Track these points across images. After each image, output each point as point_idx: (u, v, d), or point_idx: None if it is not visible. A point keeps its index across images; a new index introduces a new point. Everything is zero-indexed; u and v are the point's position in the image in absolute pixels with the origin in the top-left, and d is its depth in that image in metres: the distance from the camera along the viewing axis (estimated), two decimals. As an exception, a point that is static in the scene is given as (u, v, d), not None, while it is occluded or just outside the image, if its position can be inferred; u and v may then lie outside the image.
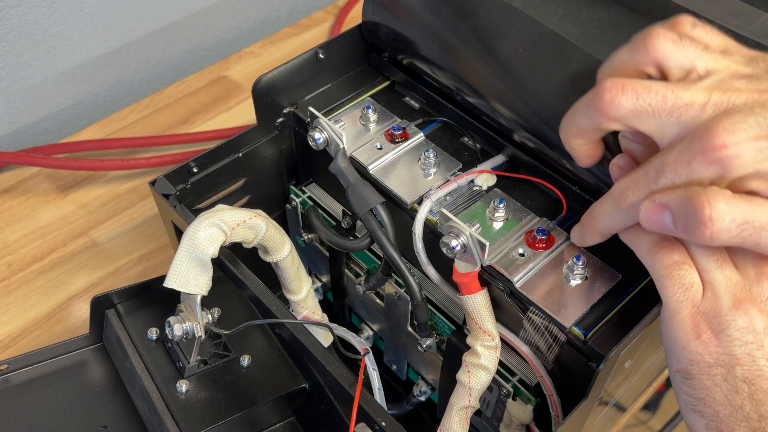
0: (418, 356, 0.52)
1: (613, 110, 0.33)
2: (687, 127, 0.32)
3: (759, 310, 0.32)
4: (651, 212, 0.32)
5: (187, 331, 0.43)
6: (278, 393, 0.45)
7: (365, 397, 0.38)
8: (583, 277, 0.40)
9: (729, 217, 0.30)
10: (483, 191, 0.45)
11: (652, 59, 0.34)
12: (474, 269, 0.40)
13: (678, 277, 0.33)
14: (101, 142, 0.77)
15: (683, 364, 0.33)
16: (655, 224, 0.32)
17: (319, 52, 0.51)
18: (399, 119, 0.50)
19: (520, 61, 0.42)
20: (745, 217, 0.30)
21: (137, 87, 0.89)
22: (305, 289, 0.49)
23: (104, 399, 0.47)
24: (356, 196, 0.44)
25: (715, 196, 0.30)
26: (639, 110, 0.32)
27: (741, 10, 0.41)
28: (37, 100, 0.80)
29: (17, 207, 0.72)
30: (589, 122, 0.34)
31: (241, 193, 0.54)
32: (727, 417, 0.33)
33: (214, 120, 0.82)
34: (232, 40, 0.96)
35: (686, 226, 0.31)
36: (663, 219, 0.32)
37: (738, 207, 0.30)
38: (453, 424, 0.42)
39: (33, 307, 0.64)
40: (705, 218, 0.30)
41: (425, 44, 0.47)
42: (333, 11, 0.97)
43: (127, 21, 0.83)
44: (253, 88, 0.49)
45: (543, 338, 0.40)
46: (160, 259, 0.68)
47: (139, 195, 0.73)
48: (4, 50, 0.74)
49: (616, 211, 0.35)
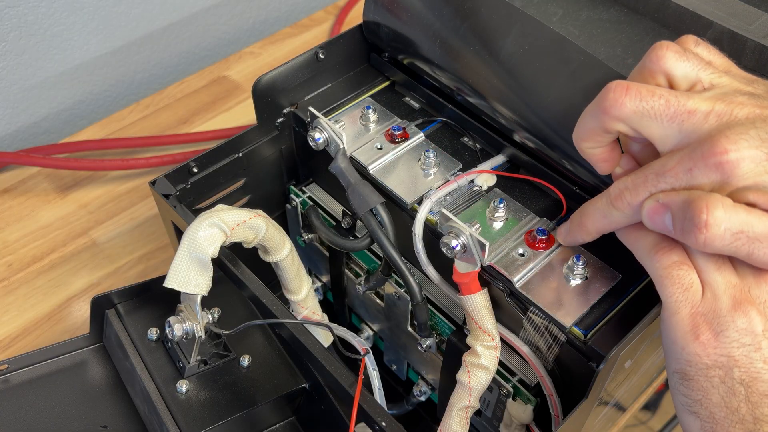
0: (418, 356, 0.52)
1: (616, 109, 0.33)
2: (689, 134, 0.32)
3: (758, 312, 0.32)
4: (653, 212, 0.33)
5: (187, 331, 0.43)
6: (278, 393, 0.45)
7: (365, 397, 0.38)
8: (583, 277, 0.40)
9: (724, 225, 0.30)
10: (483, 191, 0.45)
11: (660, 69, 0.34)
12: (474, 269, 0.40)
13: (677, 277, 0.33)
14: (101, 142, 0.77)
15: (681, 365, 0.33)
16: (657, 224, 0.33)
17: (319, 52, 0.52)
18: (399, 119, 0.50)
19: (520, 61, 0.42)
20: (740, 227, 0.30)
21: (137, 87, 0.89)
22: (305, 289, 0.49)
23: (104, 399, 0.47)
24: (356, 196, 0.44)
25: (715, 202, 0.30)
26: (642, 112, 0.33)
27: (741, 10, 0.41)
28: (37, 100, 0.80)
29: (17, 207, 0.72)
30: (595, 122, 0.35)
31: (241, 193, 0.54)
32: (722, 419, 0.33)
33: (214, 120, 0.82)
34: (232, 40, 0.96)
35: (683, 228, 0.31)
36: (664, 219, 0.32)
37: (735, 216, 0.30)
38: (453, 424, 0.42)
39: (33, 307, 0.64)
40: (701, 223, 0.30)
41: (426, 44, 0.47)
42: (333, 11, 0.97)
43: (127, 21, 0.83)
44: (253, 88, 0.49)
45: (543, 338, 0.40)
46: (160, 259, 0.68)
47: (139, 195, 0.73)
48: (4, 50, 0.74)
49: (611, 211, 0.35)
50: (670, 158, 0.32)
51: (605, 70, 0.39)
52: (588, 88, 0.39)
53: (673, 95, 0.32)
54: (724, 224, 0.30)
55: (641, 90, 0.33)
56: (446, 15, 0.46)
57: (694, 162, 0.31)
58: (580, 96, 0.39)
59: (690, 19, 0.41)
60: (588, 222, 0.37)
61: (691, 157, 0.31)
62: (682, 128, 0.32)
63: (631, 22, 0.43)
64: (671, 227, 0.32)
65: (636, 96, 0.33)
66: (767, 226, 0.30)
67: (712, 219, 0.30)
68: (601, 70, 0.39)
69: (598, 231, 0.37)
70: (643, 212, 0.33)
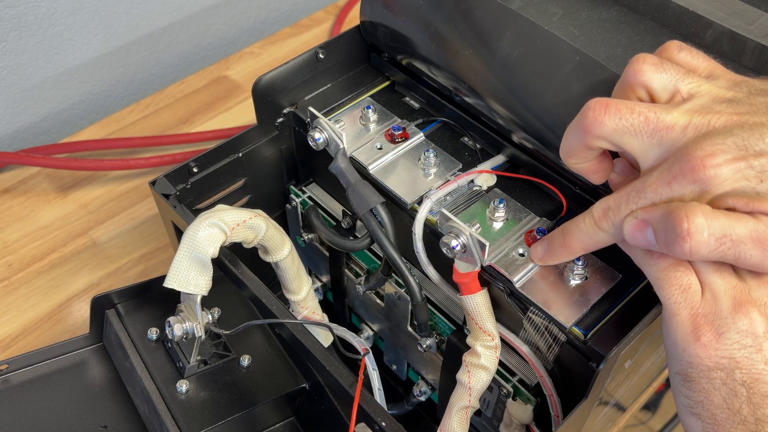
0: (418, 356, 0.52)
1: (596, 128, 0.34)
2: (668, 149, 0.33)
3: (760, 313, 0.32)
4: (635, 228, 0.33)
5: (187, 331, 0.43)
6: (278, 393, 0.45)
7: (365, 397, 0.38)
8: (583, 277, 0.40)
9: (707, 231, 0.30)
10: (483, 191, 0.45)
11: (639, 83, 0.35)
12: (474, 269, 0.40)
13: (674, 278, 0.33)
14: (101, 142, 0.77)
15: (683, 367, 0.33)
16: (639, 240, 0.33)
17: (319, 52, 0.52)
18: (399, 119, 0.50)
19: (518, 62, 0.42)
20: (723, 231, 0.30)
21: (137, 87, 0.89)
22: (305, 289, 0.49)
23: (104, 399, 0.47)
24: (356, 196, 0.44)
25: (694, 210, 0.30)
26: (622, 129, 0.33)
27: (741, 10, 0.41)
28: (37, 100, 0.80)
29: (17, 207, 0.72)
30: (577, 141, 0.35)
31: (241, 193, 0.54)
32: (724, 420, 0.33)
33: (214, 120, 0.82)
34: (232, 40, 0.96)
35: (666, 240, 0.32)
36: (646, 235, 0.33)
37: (716, 221, 0.30)
38: (453, 424, 0.42)
39: (33, 307, 0.64)
40: (683, 232, 0.30)
41: (423, 44, 0.47)
42: (333, 11, 0.97)
43: (127, 21, 0.83)
44: (253, 88, 0.49)
45: (543, 338, 0.40)
46: (160, 259, 0.68)
47: (139, 195, 0.73)
48: (4, 50, 0.74)
49: (597, 232, 0.35)
50: (650, 174, 0.33)
51: (602, 71, 0.39)
52: (585, 89, 0.39)
53: (652, 111, 0.33)
54: (706, 231, 0.30)
55: (620, 107, 0.33)
56: (443, 15, 0.46)
57: (672, 176, 0.32)
58: (577, 96, 0.39)
59: (690, 19, 0.41)
60: (573, 242, 0.37)
61: (669, 171, 0.32)
62: (662, 143, 0.33)
63: (631, 22, 0.43)
64: (654, 242, 0.32)
65: (615, 114, 0.33)
66: (749, 228, 0.30)
67: (693, 227, 0.30)
68: (597, 71, 0.39)
69: (584, 250, 0.37)
70: (624, 231, 0.33)
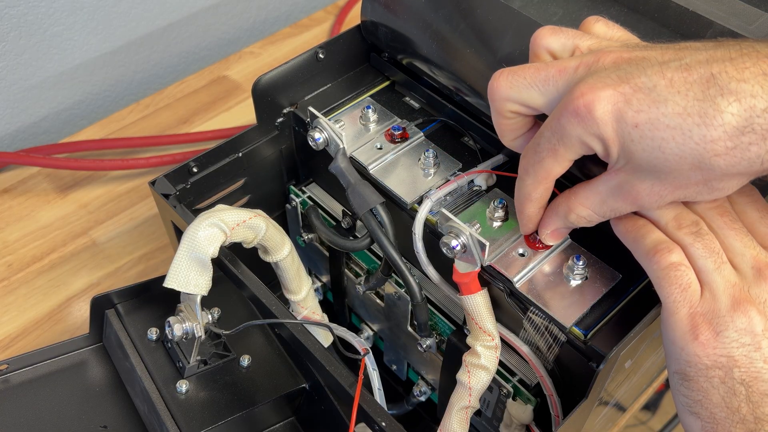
0: (418, 356, 0.52)
1: (496, 92, 0.35)
2: (565, 91, 0.33)
3: (758, 312, 0.32)
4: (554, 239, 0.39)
5: (187, 331, 0.43)
6: (278, 393, 0.45)
7: (365, 397, 0.38)
8: (583, 277, 0.40)
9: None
10: (483, 191, 0.45)
11: (540, 46, 0.36)
12: (474, 269, 0.40)
13: (675, 277, 0.33)
14: (101, 142, 0.77)
15: (681, 366, 0.33)
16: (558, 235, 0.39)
17: (319, 52, 0.51)
18: (399, 119, 0.50)
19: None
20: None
21: (137, 87, 0.89)
22: (305, 289, 0.49)
23: (104, 399, 0.47)
24: (356, 196, 0.44)
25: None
26: (518, 85, 0.34)
27: (741, 10, 0.41)
28: (37, 100, 0.80)
29: (17, 207, 0.72)
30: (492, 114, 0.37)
31: (241, 193, 0.54)
32: (723, 419, 0.33)
33: (214, 120, 0.82)
34: (232, 40, 0.96)
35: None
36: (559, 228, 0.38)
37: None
38: (453, 424, 0.42)
39: (33, 307, 0.64)
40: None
41: (424, 44, 0.47)
42: (333, 11, 0.97)
43: (127, 21, 0.83)
44: (253, 88, 0.49)
45: (543, 338, 0.40)
46: (160, 259, 0.68)
47: (139, 195, 0.73)
48: (4, 50, 0.74)
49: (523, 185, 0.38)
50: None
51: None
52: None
53: (544, 63, 0.34)
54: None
55: (514, 68, 0.35)
56: (443, 14, 0.46)
57: (560, 111, 0.32)
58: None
59: (690, 19, 0.41)
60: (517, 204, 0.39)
61: (558, 108, 0.33)
62: (558, 87, 0.34)
63: (631, 22, 0.43)
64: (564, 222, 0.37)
65: (509, 74, 0.35)
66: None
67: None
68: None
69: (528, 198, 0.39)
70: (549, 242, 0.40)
